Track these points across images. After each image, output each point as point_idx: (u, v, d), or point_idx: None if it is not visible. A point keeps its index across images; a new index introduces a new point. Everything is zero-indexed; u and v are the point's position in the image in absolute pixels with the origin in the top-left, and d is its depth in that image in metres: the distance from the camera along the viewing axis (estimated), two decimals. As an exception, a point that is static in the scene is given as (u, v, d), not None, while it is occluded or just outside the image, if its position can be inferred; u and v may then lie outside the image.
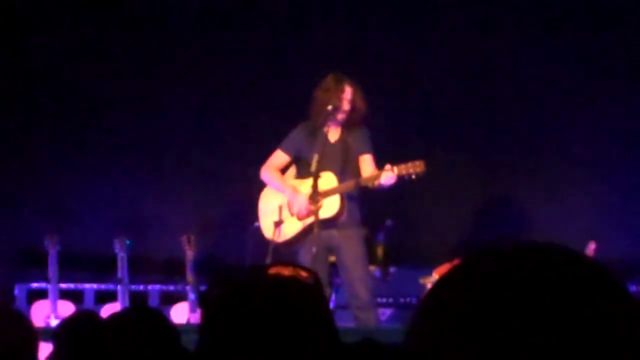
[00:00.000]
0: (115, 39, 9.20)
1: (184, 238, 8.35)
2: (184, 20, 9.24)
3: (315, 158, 6.72)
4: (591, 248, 7.67)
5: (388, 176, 6.60)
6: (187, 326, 7.40)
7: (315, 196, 6.67)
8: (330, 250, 6.93)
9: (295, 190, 6.90)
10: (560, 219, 8.69)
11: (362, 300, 6.84)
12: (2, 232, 9.05)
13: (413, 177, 6.63)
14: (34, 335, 2.90)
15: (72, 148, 9.18)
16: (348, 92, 6.84)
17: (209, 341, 1.99)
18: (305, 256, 6.75)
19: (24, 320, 2.99)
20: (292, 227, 6.91)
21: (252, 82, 9.16)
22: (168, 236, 8.70)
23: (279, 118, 8.55)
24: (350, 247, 6.87)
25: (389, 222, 8.30)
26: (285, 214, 6.93)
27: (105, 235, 8.52)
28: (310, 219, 6.76)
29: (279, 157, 7.09)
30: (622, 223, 8.66)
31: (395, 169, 6.62)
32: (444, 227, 8.79)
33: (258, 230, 7.10)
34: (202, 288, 8.24)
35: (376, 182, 6.66)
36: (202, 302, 2.10)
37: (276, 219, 6.90)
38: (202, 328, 2.03)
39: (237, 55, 9.16)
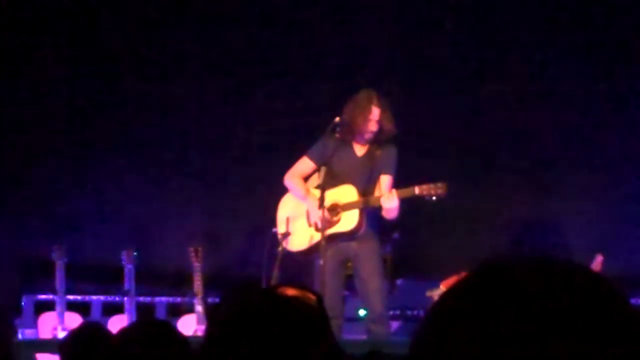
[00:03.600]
0: (119, 45, 9.20)
1: (191, 250, 8.35)
2: (190, 27, 9.25)
3: (323, 170, 6.75)
4: (598, 261, 7.66)
5: (388, 199, 6.64)
6: (195, 338, 7.39)
7: (323, 208, 6.66)
8: (346, 262, 6.94)
9: (315, 200, 6.89)
10: (567, 232, 8.68)
11: (376, 313, 6.85)
12: (9, 244, 9.05)
13: (434, 198, 6.67)
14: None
15: (79, 159, 9.18)
16: (375, 113, 6.83)
17: (213, 356, 2.01)
18: (320, 266, 6.73)
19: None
20: (306, 238, 6.91)
21: (260, 91, 9.15)
22: (175, 248, 8.70)
23: (286, 128, 8.57)
24: (367, 259, 6.87)
25: (396, 235, 8.29)
26: (296, 225, 6.93)
27: (112, 247, 8.52)
28: (327, 230, 6.77)
29: (305, 165, 7.07)
30: (629, 236, 8.64)
31: (417, 188, 6.67)
32: (451, 240, 8.78)
33: (275, 236, 7.09)
34: (210, 300, 8.25)
35: (376, 204, 6.71)
36: (209, 317, 2.13)
37: (283, 230, 6.93)
38: (207, 342, 2.05)
39: (243, 61, 9.15)
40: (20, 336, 8.23)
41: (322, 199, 6.67)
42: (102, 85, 9.20)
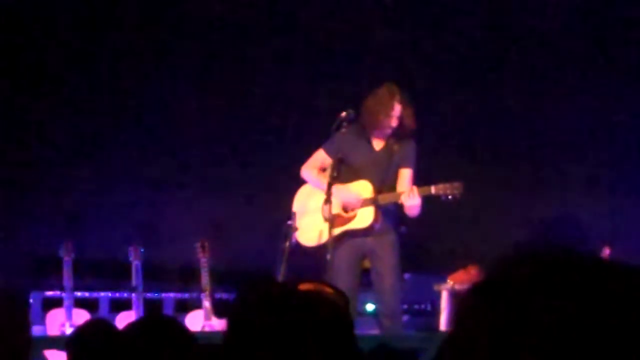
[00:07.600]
0: (123, 44, 9.21)
1: (199, 245, 8.35)
2: (192, 27, 9.25)
3: (331, 166, 6.69)
4: (605, 253, 7.66)
5: (409, 197, 6.59)
6: (202, 334, 7.40)
7: (329, 203, 6.62)
8: (363, 257, 6.89)
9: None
10: (575, 226, 8.66)
11: (390, 309, 6.81)
12: (17, 241, 9.06)
13: (450, 197, 6.63)
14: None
15: (86, 156, 9.20)
16: (397, 109, 6.76)
17: (235, 348, 2.00)
18: (333, 261, 6.66)
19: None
20: (319, 233, 6.82)
21: (264, 88, 9.16)
22: (182, 243, 8.69)
23: (292, 123, 8.57)
24: (384, 254, 6.82)
25: (403, 229, 8.28)
26: (308, 220, 6.86)
27: (119, 243, 8.53)
28: (342, 227, 6.72)
29: (321, 157, 6.96)
30: (636, 229, 8.63)
31: (433, 188, 6.63)
32: (459, 234, 8.77)
33: (291, 228, 6.99)
34: (217, 295, 8.25)
35: (396, 201, 6.67)
36: (230, 312, 2.10)
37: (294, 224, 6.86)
38: (228, 334, 2.04)
39: (247, 60, 9.16)
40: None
41: (329, 194, 6.61)
42: (106, 84, 9.21)
